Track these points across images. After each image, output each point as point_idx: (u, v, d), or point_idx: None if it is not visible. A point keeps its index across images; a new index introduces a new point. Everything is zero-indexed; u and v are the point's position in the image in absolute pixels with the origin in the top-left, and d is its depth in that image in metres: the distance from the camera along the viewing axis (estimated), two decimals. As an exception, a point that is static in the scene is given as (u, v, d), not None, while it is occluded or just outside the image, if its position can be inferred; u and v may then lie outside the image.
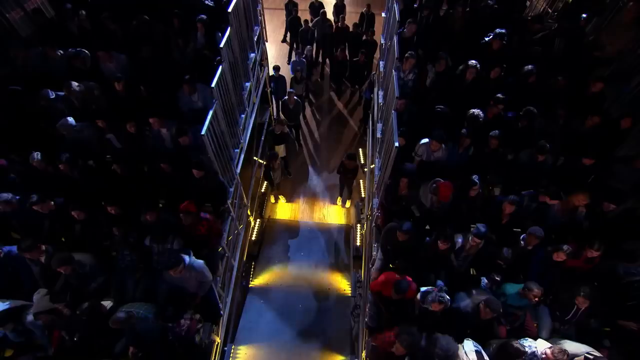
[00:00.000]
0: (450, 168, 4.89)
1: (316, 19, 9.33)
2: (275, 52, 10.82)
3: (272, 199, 7.73)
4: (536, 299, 4.10)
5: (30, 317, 4.21)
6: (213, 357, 4.92)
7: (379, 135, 5.57)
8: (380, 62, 6.27)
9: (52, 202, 4.59)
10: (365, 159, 8.09)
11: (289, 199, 7.78)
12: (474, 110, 4.80)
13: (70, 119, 4.98)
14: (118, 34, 5.69)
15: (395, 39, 4.88)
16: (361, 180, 7.92)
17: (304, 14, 9.84)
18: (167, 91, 5.24)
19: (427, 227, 4.87)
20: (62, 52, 5.45)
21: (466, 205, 4.70)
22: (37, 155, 4.75)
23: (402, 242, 4.43)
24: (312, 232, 7.15)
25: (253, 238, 6.87)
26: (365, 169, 7.86)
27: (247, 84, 5.91)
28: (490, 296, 4.11)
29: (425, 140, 4.82)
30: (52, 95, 5.16)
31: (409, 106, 5.04)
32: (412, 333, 3.92)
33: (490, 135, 4.72)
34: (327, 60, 10.08)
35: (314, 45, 9.60)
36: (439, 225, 4.55)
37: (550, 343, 3.90)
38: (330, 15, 9.69)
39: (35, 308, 4.21)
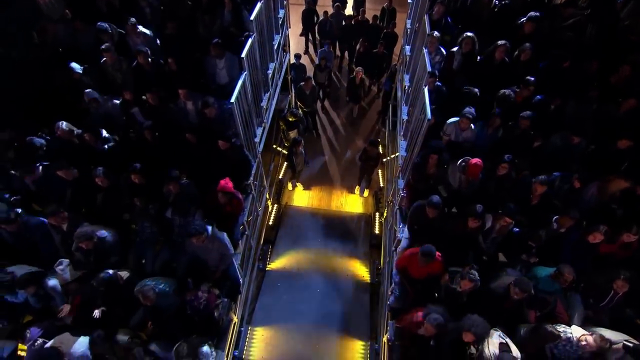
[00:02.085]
0: (479, 149, 4.77)
1: (332, 12, 9.35)
2: (294, 45, 10.82)
3: (290, 186, 7.66)
4: (568, 282, 3.94)
5: (51, 283, 4.18)
6: (230, 337, 4.81)
7: (404, 117, 5.49)
8: (406, 47, 6.21)
9: (76, 171, 4.57)
10: (384, 150, 8.00)
11: (306, 187, 7.70)
12: (504, 90, 4.69)
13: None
14: (145, 10, 5.71)
15: (426, 17, 4.82)
16: (379, 170, 7.81)
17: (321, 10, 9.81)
18: (192, 66, 5.22)
19: (454, 209, 4.75)
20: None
21: (495, 186, 4.57)
22: (62, 124, 4.75)
23: (430, 219, 4.32)
24: (330, 219, 7.05)
25: (270, 223, 6.80)
26: (384, 159, 7.78)
27: (272, 65, 5.89)
28: (520, 276, 3.97)
29: (454, 119, 4.72)
30: (80, 69, 5.19)
31: (437, 86, 4.94)
32: (441, 313, 3.78)
33: (522, 116, 4.60)
34: (346, 53, 10.06)
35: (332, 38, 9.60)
36: (466, 206, 4.42)
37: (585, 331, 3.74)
38: (349, 10, 9.70)
39: (61, 279, 4.16)
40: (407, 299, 4.40)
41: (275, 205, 7.10)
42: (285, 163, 7.66)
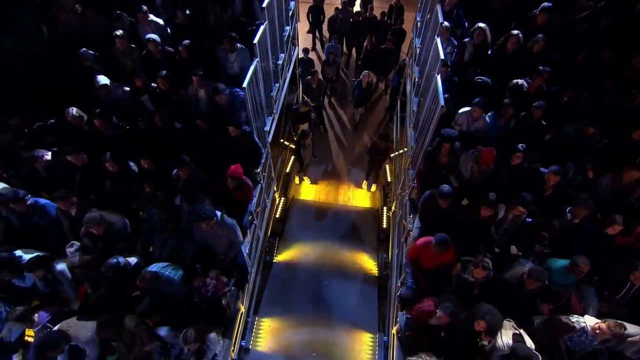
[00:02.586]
0: (490, 140, 4.72)
1: (340, 8, 9.34)
2: (301, 42, 10.80)
3: (297, 180, 7.63)
4: (583, 274, 3.86)
5: (59, 267, 4.15)
6: (237, 326, 4.77)
7: (414, 108, 5.45)
8: (416, 40, 6.18)
9: (85, 156, 4.55)
10: (392, 146, 7.95)
11: (314, 181, 7.66)
12: (517, 80, 4.64)
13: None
14: (156, 0, 5.72)
15: (438, 7, 4.79)
16: (387, 165, 7.77)
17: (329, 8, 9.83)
18: (204, 55, 5.22)
19: (465, 201, 4.68)
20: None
21: (507, 176, 4.51)
22: (72, 110, 4.75)
23: (442, 209, 4.26)
24: (337, 213, 7.00)
25: (277, 216, 6.75)
26: (392, 155, 7.73)
27: (281, 56, 5.88)
28: (534, 265, 3.89)
29: (466, 108, 4.67)
30: (91, 55, 5.19)
31: (449, 75, 4.90)
32: (454, 302, 3.72)
33: (535, 106, 4.54)
34: (353, 50, 10.05)
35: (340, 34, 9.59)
36: (478, 197, 4.36)
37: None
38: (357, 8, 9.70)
39: (69, 261, 4.13)
40: (418, 289, 4.33)
41: (282, 199, 7.06)
42: (293, 157, 7.63)
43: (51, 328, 3.92)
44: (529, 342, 3.65)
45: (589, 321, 3.66)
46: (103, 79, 4.88)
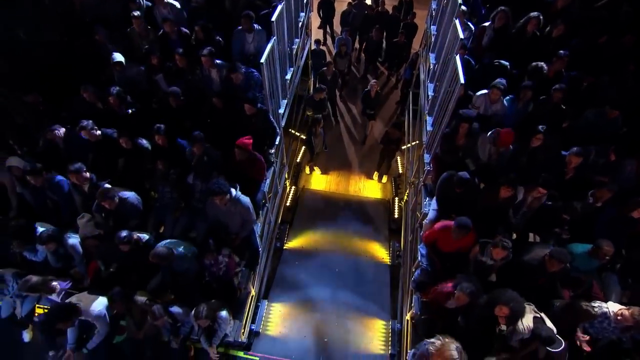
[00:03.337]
0: (508, 124, 4.63)
1: (354, 3, 9.36)
2: (313, 36, 10.85)
3: (307, 170, 7.57)
4: (607, 257, 3.74)
5: (71, 241, 4.12)
6: (247, 309, 4.68)
7: (430, 93, 5.38)
8: (432, 27, 6.13)
9: (99, 132, 4.54)
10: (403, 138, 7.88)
11: (324, 172, 7.61)
12: (537, 62, 4.56)
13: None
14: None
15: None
16: (398, 157, 7.69)
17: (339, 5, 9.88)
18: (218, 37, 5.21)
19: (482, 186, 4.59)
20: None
21: (526, 159, 4.41)
22: (89, 87, 4.74)
23: (458, 193, 4.17)
24: (348, 203, 6.93)
25: (287, 204, 6.69)
26: (404, 147, 7.65)
27: (297, 40, 5.86)
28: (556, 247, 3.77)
29: (484, 91, 4.60)
30: (104, 31, 5.21)
31: (466, 59, 4.84)
32: (474, 282, 3.60)
33: (555, 88, 4.45)
34: (364, 45, 10.04)
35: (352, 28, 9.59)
36: (496, 179, 4.25)
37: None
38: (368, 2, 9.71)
39: (81, 232, 4.10)
40: (434, 272, 4.23)
41: (293, 187, 7.00)
42: (304, 148, 7.57)
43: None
44: (550, 326, 3.54)
45: (612, 307, 3.54)
46: (118, 56, 4.88)
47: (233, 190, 4.00)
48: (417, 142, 6.59)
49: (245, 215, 4.16)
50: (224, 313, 3.95)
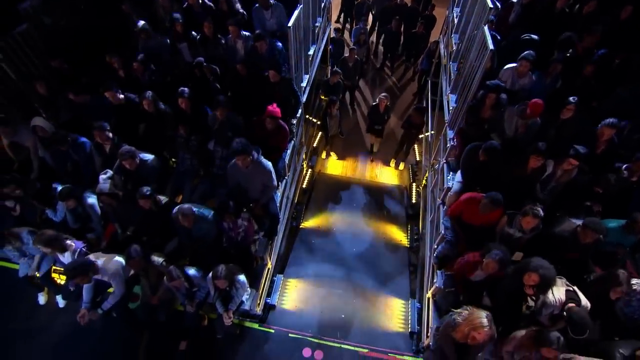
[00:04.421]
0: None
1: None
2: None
3: (324, 155, 7.51)
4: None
5: (90, 200, 4.09)
6: (264, 281, 4.58)
7: (454, 71, 5.30)
8: (455, 9, 6.09)
9: (122, 96, 4.54)
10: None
11: (340, 157, 7.55)
12: (567, 33, 4.45)
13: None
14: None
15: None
16: (416, 145, 7.59)
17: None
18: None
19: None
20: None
21: (555, 133, 4.28)
22: (114, 52, 4.77)
23: (485, 163, 4.04)
24: (365, 187, 6.83)
25: (304, 186, 6.61)
26: (421, 136, 7.55)
27: (319, 19, 5.85)
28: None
29: (512, 64, 4.49)
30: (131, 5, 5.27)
31: (492, 33, 4.75)
32: (502, 250, 3.44)
33: (586, 62, 4.34)
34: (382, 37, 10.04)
35: (369, 20, 9.63)
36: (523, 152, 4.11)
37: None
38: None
39: (99, 187, 4.08)
40: (458, 246, 4.09)
41: (309, 170, 6.93)
42: (320, 133, 7.52)
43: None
44: (584, 301, 3.36)
45: (649, 287, 3.35)
46: (144, 25, 4.91)
47: (255, 153, 3.94)
48: (435, 131, 6.51)
49: (267, 179, 4.10)
50: (242, 277, 3.85)
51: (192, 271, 3.86)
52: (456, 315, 3.31)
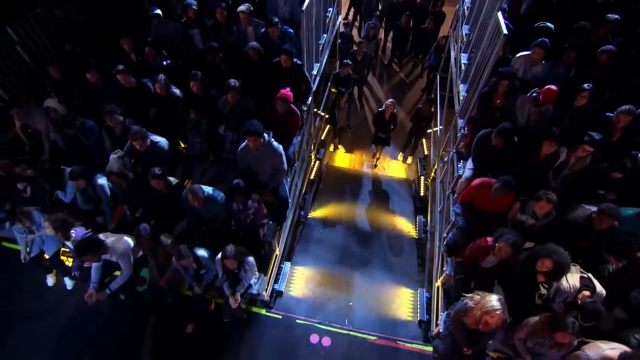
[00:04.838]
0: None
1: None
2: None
3: (331, 147, 7.50)
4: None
5: (100, 181, 4.10)
6: (271, 267, 4.55)
7: (464, 61, 5.27)
8: (466, 1, 6.07)
9: (134, 80, 4.56)
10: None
11: (348, 150, 7.54)
12: (581, 22, 4.41)
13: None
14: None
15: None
16: (424, 140, 7.55)
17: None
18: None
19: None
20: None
21: (569, 121, 4.22)
22: (127, 36, 4.80)
23: (497, 149, 4.00)
24: (372, 181, 6.81)
25: (311, 177, 6.59)
26: (429, 131, 7.52)
27: (330, 9, 5.86)
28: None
29: (524, 52, 4.45)
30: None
31: (505, 23, 4.72)
32: (515, 235, 3.38)
33: (601, 50, 4.29)
34: (390, 35, 10.04)
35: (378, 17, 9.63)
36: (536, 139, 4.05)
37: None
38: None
39: (108, 166, 4.08)
40: (469, 232, 4.04)
41: (317, 162, 6.91)
42: (328, 126, 7.51)
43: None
44: (599, 288, 3.30)
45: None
46: (157, 10, 4.93)
47: (266, 135, 3.93)
48: (444, 126, 6.47)
49: (277, 162, 4.08)
50: (251, 259, 3.83)
51: (201, 252, 3.84)
52: (468, 299, 3.26)
